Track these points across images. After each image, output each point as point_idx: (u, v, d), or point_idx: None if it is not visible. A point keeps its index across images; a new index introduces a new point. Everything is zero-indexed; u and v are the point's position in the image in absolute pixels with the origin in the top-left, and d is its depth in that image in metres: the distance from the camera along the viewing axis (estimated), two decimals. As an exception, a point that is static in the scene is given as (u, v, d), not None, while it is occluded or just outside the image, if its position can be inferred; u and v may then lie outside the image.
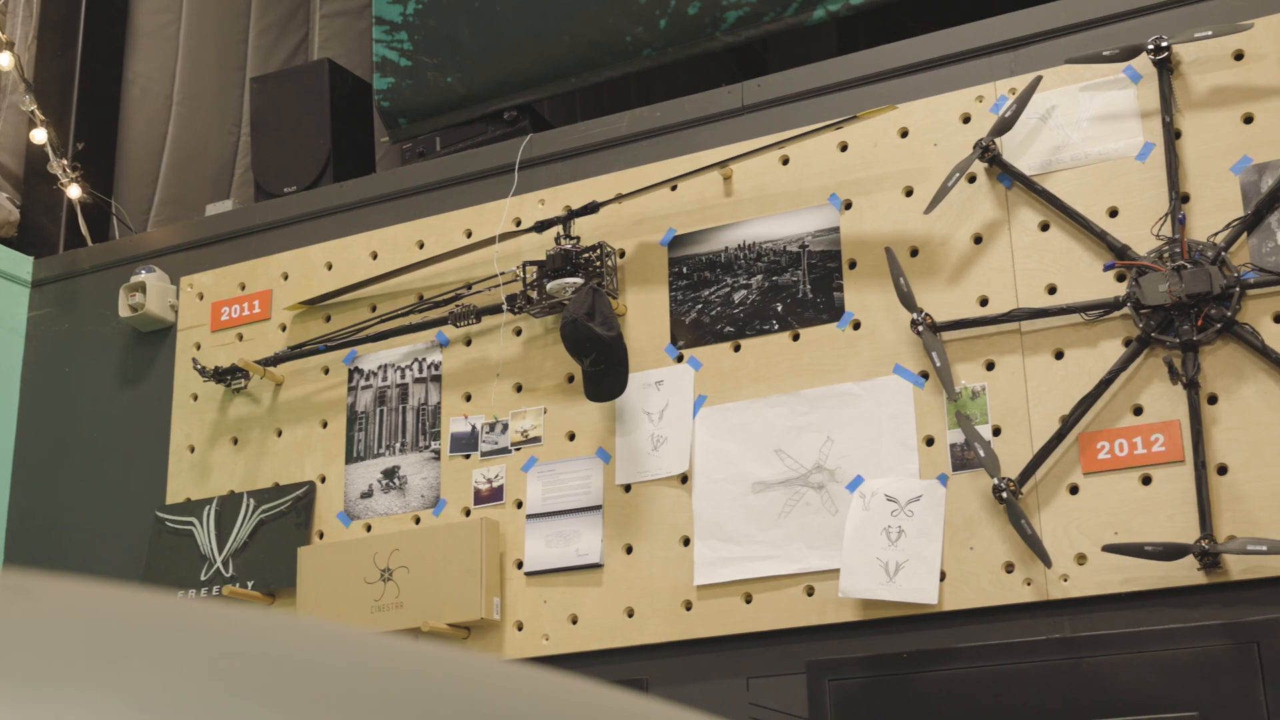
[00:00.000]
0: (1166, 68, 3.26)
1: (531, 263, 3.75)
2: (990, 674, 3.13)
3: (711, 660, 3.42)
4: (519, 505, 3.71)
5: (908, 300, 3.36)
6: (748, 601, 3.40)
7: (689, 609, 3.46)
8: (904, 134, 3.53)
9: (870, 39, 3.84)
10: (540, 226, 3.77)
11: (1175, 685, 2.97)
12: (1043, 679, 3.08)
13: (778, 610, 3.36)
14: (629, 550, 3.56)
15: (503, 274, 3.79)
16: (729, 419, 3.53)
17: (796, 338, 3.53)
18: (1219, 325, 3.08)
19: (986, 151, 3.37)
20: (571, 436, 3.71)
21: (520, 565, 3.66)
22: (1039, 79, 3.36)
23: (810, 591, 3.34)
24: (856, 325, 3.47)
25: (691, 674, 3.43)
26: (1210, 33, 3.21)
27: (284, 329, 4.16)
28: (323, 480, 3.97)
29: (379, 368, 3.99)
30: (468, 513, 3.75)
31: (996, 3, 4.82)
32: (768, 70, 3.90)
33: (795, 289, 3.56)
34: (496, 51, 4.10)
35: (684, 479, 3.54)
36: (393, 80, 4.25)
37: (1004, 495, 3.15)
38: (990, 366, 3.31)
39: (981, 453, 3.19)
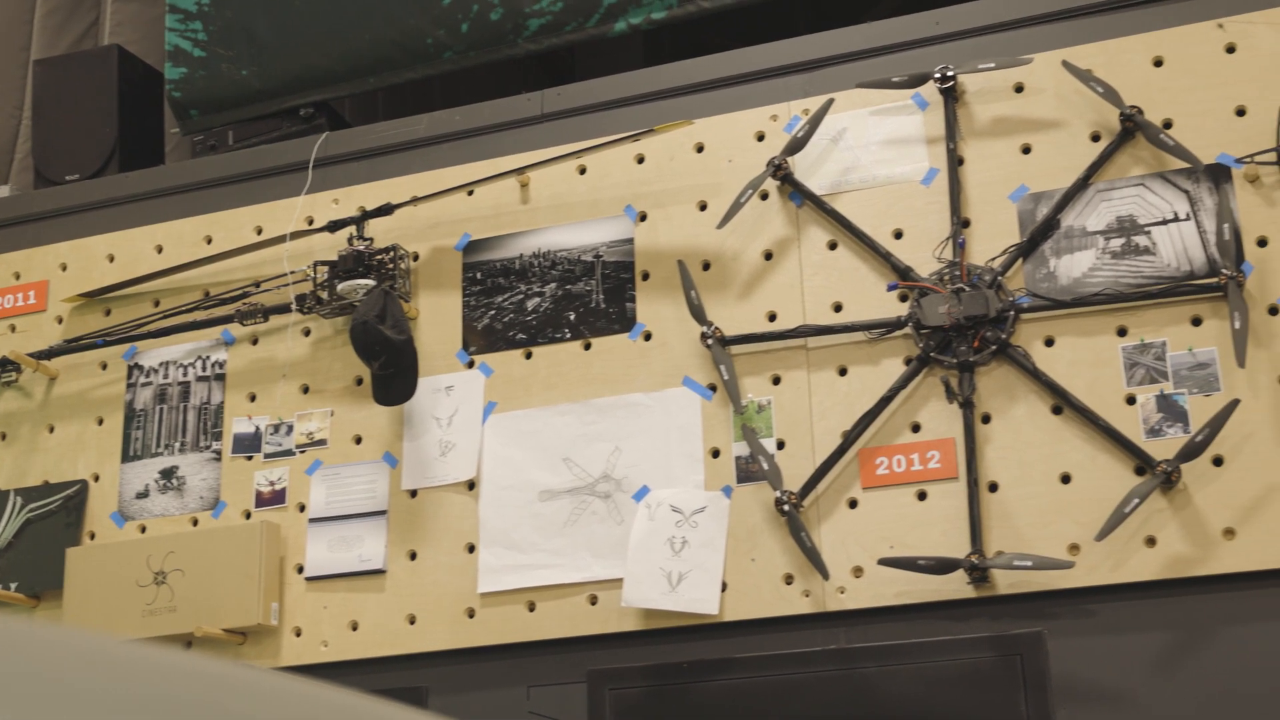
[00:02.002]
0: (952, 96, 3.37)
1: (323, 263, 3.68)
2: (768, 684, 3.18)
3: (493, 668, 3.40)
4: (302, 509, 3.64)
5: (698, 313, 3.40)
6: (531, 610, 3.39)
7: (472, 616, 3.43)
8: (700, 149, 3.57)
9: (676, 53, 3.87)
10: (333, 226, 3.72)
11: (944, 695, 3.05)
12: (819, 689, 3.15)
13: (560, 619, 3.36)
14: (413, 556, 3.52)
15: (293, 273, 3.72)
16: (518, 426, 3.52)
17: (588, 347, 3.54)
18: (994, 347, 3.19)
19: (779, 170, 3.43)
20: (358, 440, 3.65)
21: (301, 570, 3.59)
22: (831, 101, 3.43)
23: (594, 600, 3.35)
24: (648, 336, 3.50)
25: (472, 682, 3.40)
26: (993, 65, 3.33)
27: (60, 321, 4.02)
28: (96, 479, 3.83)
29: (160, 364, 3.87)
30: (248, 515, 3.67)
31: (803, 23, 4.92)
32: (577, 79, 3.91)
33: (588, 298, 3.57)
34: (294, 46, 4.02)
35: (471, 485, 3.52)
36: (185, 70, 4.14)
37: (786, 508, 3.20)
38: (776, 381, 3.36)
39: (765, 466, 3.25)
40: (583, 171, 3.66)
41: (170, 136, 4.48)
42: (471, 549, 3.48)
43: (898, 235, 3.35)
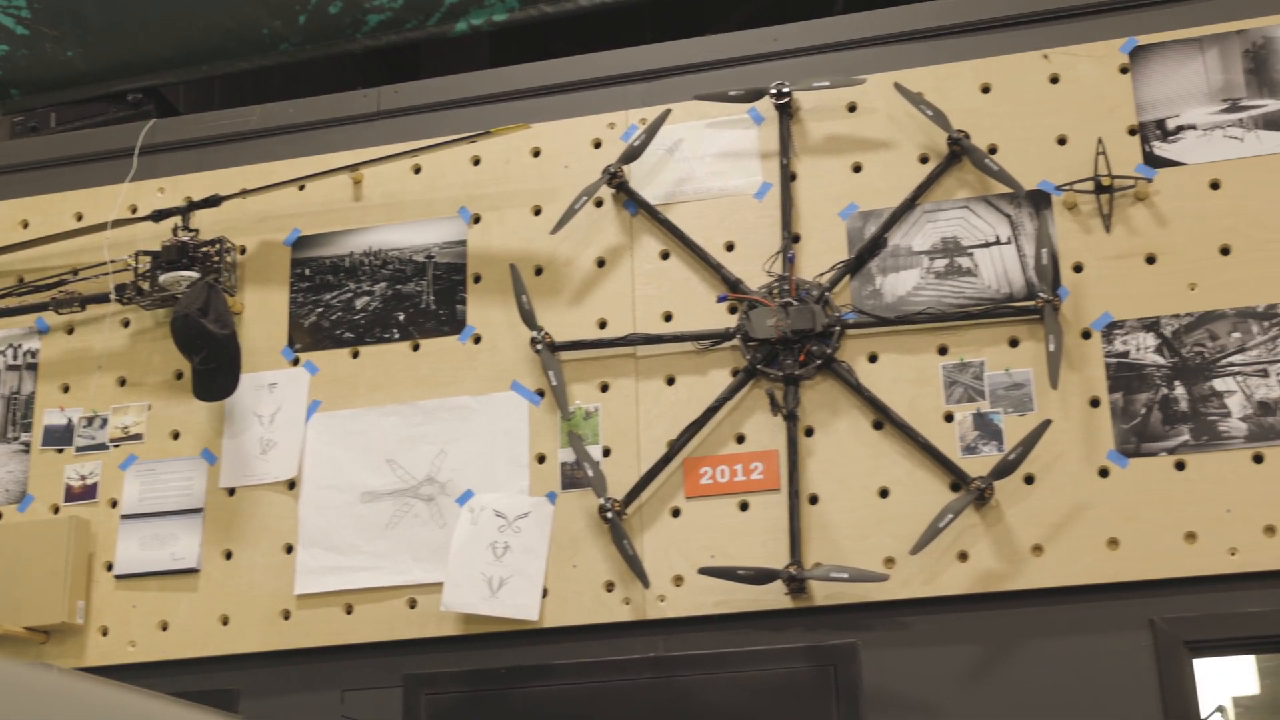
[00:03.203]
0: (787, 112, 3.41)
1: (145, 252, 3.59)
2: (585, 691, 3.18)
3: (307, 671, 3.34)
4: (113, 504, 3.53)
5: (529, 318, 3.38)
6: (349, 612, 3.34)
7: (287, 618, 3.37)
8: (536, 153, 3.56)
9: (522, 57, 3.86)
10: (158, 216, 3.62)
11: (759, 705, 3.08)
12: (636, 696, 3.15)
13: (378, 622, 3.32)
14: (228, 556, 3.44)
15: (113, 262, 3.62)
16: (342, 426, 3.47)
17: (417, 348, 3.50)
18: (819, 362, 3.23)
19: (614, 178, 3.44)
20: (176, 435, 3.56)
21: (110, 568, 3.48)
22: (668, 111, 3.45)
23: (413, 604, 3.31)
24: (477, 339, 3.47)
25: (285, 685, 3.34)
26: (828, 83, 3.38)
27: None
28: (-104, 469, 3.68)
29: (-31, 351, 3.73)
30: (57, 510, 3.55)
31: (649, 33, 4.94)
32: (420, 77, 3.88)
33: (419, 299, 3.53)
34: (123, 29, 3.91)
35: (291, 485, 3.46)
36: (7, 48, 4.00)
37: (609, 515, 3.20)
38: (605, 388, 3.36)
39: (590, 472, 3.24)
40: (417, 171, 3.62)
41: (-11, 116, 4.33)
42: (289, 549, 3.41)
43: (729, 247, 3.38)
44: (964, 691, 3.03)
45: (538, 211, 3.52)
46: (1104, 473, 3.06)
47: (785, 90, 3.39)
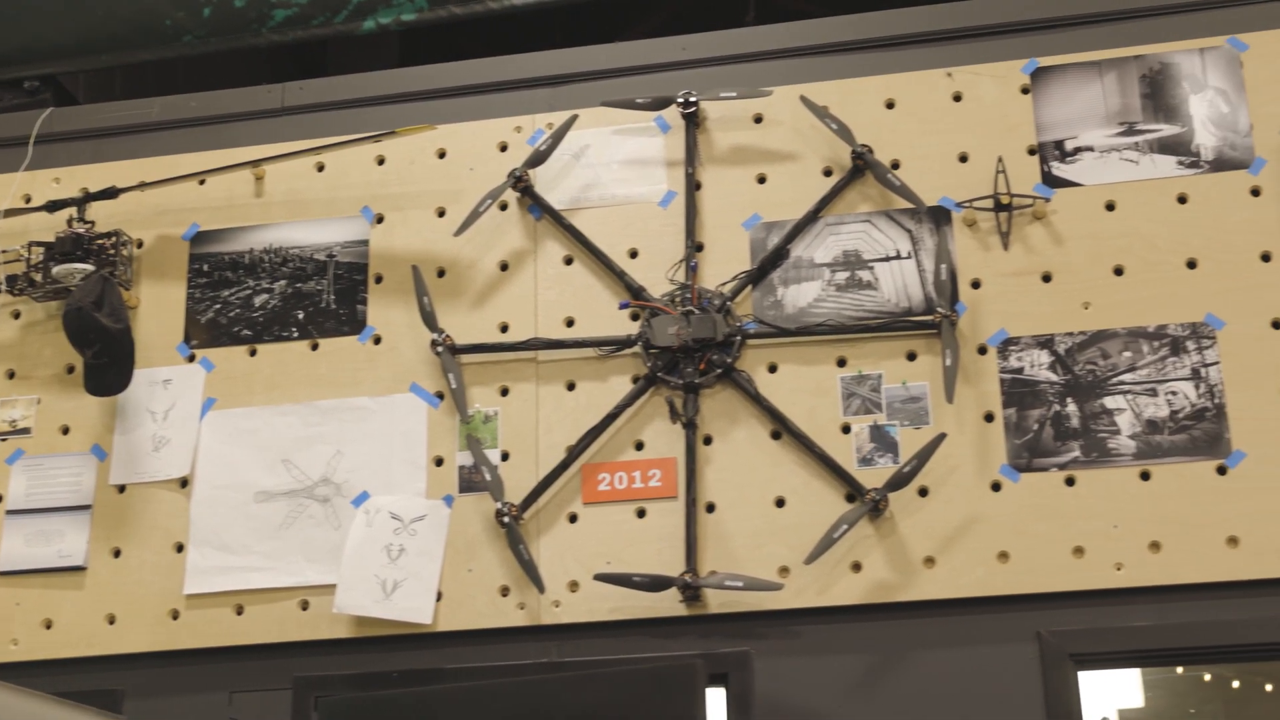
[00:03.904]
0: (693, 122, 3.42)
1: (38, 243, 3.52)
2: (477, 695, 3.15)
3: (195, 672, 3.29)
4: (-1, 500, 3.46)
5: (430, 320, 3.36)
6: (239, 613, 3.30)
7: (176, 618, 3.32)
8: (442, 155, 3.55)
9: (432, 57, 3.84)
10: (52, 206, 3.56)
11: (649, 711, 3.07)
12: (528, 701, 3.13)
13: (269, 623, 3.28)
14: (117, 554, 3.38)
15: (5, 252, 3.55)
16: (238, 424, 3.43)
17: (315, 347, 3.47)
18: (719, 370, 3.25)
19: (520, 182, 3.43)
20: (66, 430, 3.49)
21: (-6, 564, 3.41)
22: (575, 117, 3.45)
23: (305, 606, 3.27)
24: (377, 340, 3.44)
25: (172, 686, 3.28)
26: (735, 94, 3.40)
27: None
28: None
29: None
30: (-61, 504, 3.47)
31: (559, 36, 4.94)
32: (328, 75, 3.85)
33: (319, 298, 3.50)
34: (19, 15, 3.83)
35: (184, 483, 3.41)
36: (-101, 31, 3.91)
37: (506, 520, 3.19)
38: (505, 392, 3.35)
39: (488, 476, 3.23)
40: (321, 169, 3.59)
41: (-121, 100, 4.22)
42: (180, 549, 3.36)
43: (633, 255, 3.39)
44: (854, 700, 3.05)
45: (442, 213, 3.51)
46: (996, 487, 3.10)
47: (692, 99, 3.41)
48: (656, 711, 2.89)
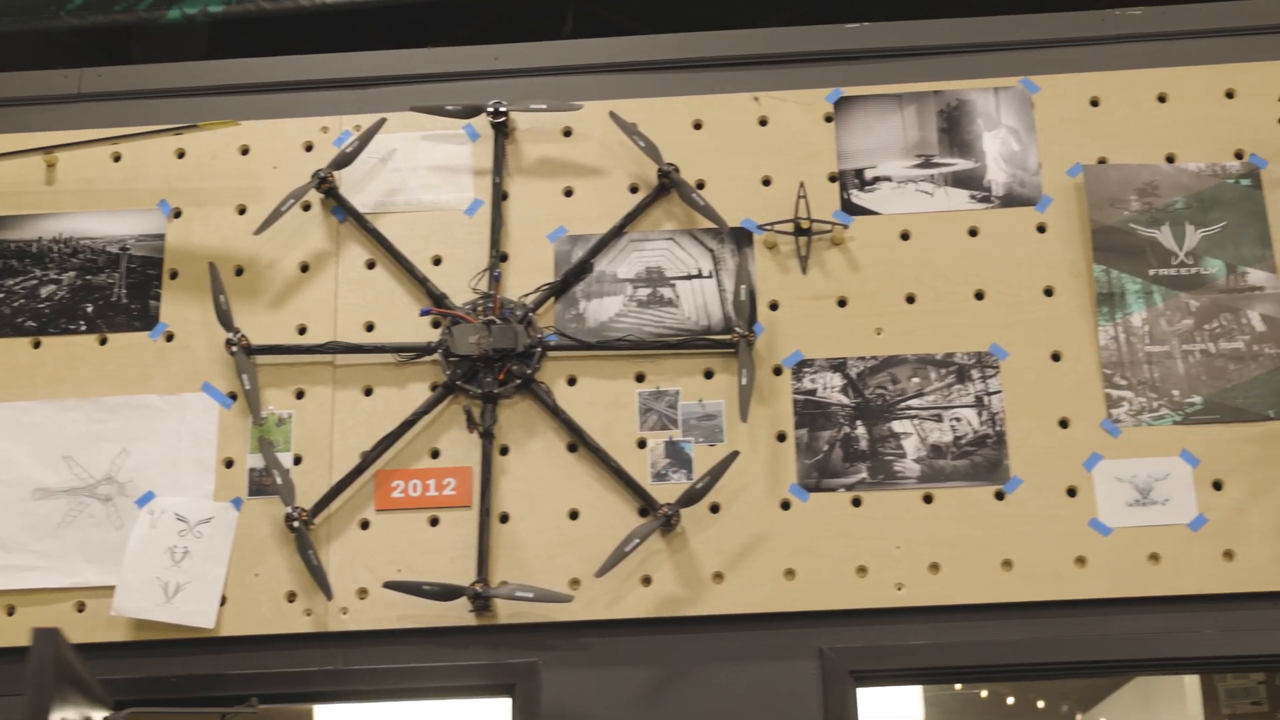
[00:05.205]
0: (503, 131, 3.42)
1: None
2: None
3: (-39, 675, 3.16)
4: None
5: (225, 319, 3.30)
6: (10, 614, 3.18)
7: (-58, 618, 3.19)
8: (245, 151, 3.48)
9: (243, 51, 3.76)
10: None
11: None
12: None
13: (43, 625, 3.15)
14: (-119, 550, 3.23)
15: None
16: (18, 419, 3.31)
17: (104, 342, 3.37)
18: (519, 381, 3.25)
19: (324, 183, 3.39)
20: None
21: None
22: (383, 120, 3.42)
23: (81, 607, 3.18)
24: (170, 337, 3.36)
25: (-65, 689, 3.15)
26: (545, 106, 3.41)
27: None
28: None
29: None
30: None
31: (373, 38, 4.89)
32: (132, 61, 3.74)
33: (110, 291, 3.40)
34: None
35: (-43, 478, 3.28)
36: None
37: (295, 524, 3.14)
38: (300, 395, 3.30)
39: (279, 480, 3.18)
40: (117, 159, 3.49)
41: None
42: (-50, 546, 3.23)
43: (437, 262, 3.37)
44: (640, 713, 3.08)
45: (242, 211, 3.44)
46: (786, 505, 3.16)
47: (502, 109, 3.41)
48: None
